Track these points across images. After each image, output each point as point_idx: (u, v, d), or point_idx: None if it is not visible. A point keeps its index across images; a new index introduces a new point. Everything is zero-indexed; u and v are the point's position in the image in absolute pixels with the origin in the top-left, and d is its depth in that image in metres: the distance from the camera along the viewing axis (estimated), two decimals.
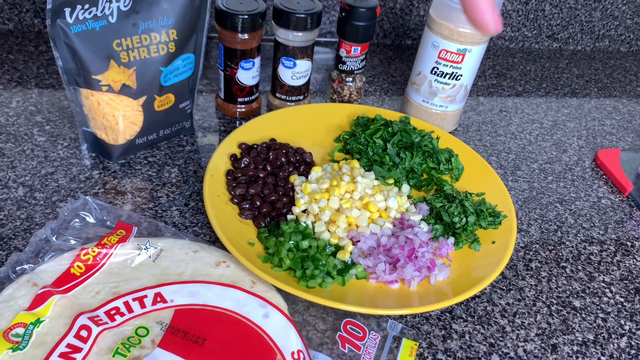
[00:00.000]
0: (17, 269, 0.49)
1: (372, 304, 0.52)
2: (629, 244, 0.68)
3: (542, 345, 0.54)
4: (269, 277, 0.50)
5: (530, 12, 1.09)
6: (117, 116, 0.63)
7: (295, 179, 0.64)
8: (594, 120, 0.93)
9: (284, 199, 0.61)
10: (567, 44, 1.17)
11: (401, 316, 0.54)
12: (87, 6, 0.55)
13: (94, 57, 0.58)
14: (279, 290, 0.52)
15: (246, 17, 0.67)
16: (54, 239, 0.53)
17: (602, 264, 0.65)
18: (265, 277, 0.50)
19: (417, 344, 0.51)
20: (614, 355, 0.54)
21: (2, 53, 0.84)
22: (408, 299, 0.54)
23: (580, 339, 0.55)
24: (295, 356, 0.45)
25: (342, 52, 0.76)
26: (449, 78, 0.74)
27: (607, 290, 0.61)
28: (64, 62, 0.58)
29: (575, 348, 0.54)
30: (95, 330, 0.44)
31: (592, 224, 0.70)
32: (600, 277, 0.63)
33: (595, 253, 0.66)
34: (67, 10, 0.54)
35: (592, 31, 1.16)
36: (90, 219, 0.56)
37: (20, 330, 0.44)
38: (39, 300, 0.46)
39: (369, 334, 0.51)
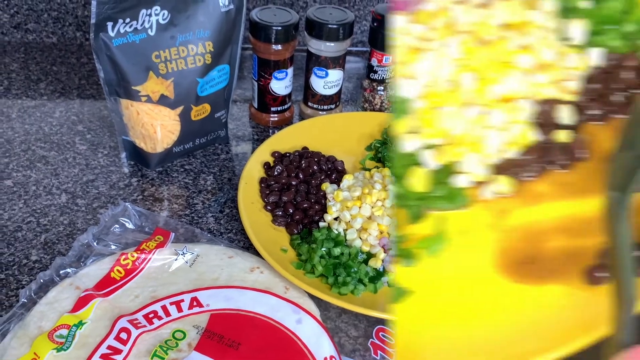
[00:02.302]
0: (61, 272, 0.52)
1: None
2: None
3: None
4: (301, 283, 0.51)
5: None
6: (155, 125, 0.65)
7: (327, 186, 0.65)
8: None
9: (316, 207, 0.62)
10: None
11: None
12: (128, 20, 0.57)
13: (134, 68, 0.60)
14: (312, 297, 0.53)
15: (279, 28, 0.69)
16: (95, 244, 0.55)
17: None
18: (298, 283, 0.51)
19: None
20: None
21: (46, 65, 0.88)
22: None
23: None
24: None
25: (374, 62, 0.77)
26: None
27: None
28: (105, 73, 0.60)
29: None
30: (135, 333, 0.46)
31: None
32: None
33: None
34: (110, 24, 0.57)
35: None
36: (130, 225, 0.57)
37: (64, 332, 0.45)
38: (82, 302, 0.48)
39: None
